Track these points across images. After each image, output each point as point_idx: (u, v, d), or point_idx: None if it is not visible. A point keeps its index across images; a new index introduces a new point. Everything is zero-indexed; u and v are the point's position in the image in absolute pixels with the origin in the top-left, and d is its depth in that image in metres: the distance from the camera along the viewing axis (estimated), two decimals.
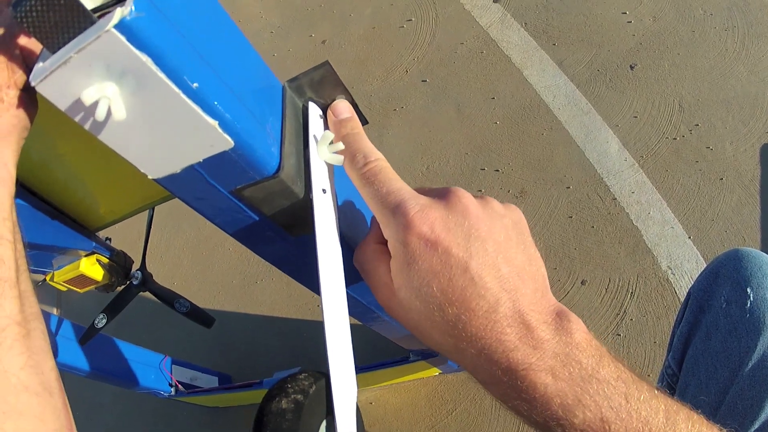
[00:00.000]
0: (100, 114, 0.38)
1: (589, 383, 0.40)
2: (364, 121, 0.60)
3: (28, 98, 0.48)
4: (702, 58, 1.77)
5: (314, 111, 0.55)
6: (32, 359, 0.47)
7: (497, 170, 1.77)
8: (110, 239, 1.03)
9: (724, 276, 0.79)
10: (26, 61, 0.47)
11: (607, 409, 0.39)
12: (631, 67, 1.83)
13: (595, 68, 1.87)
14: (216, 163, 0.46)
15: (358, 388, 0.49)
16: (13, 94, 0.47)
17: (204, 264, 2.11)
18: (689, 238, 1.48)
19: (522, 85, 1.92)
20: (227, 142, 0.43)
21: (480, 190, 1.76)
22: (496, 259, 0.43)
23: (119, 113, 0.39)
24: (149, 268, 1.14)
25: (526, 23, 2.07)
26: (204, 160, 0.45)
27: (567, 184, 1.67)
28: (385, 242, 0.48)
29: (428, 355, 1.24)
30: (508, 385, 0.41)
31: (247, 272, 2.01)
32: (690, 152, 1.61)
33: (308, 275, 0.72)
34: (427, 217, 0.44)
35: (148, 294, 1.16)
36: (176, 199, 0.55)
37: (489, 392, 0.44)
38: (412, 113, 2.06)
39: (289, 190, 0.50)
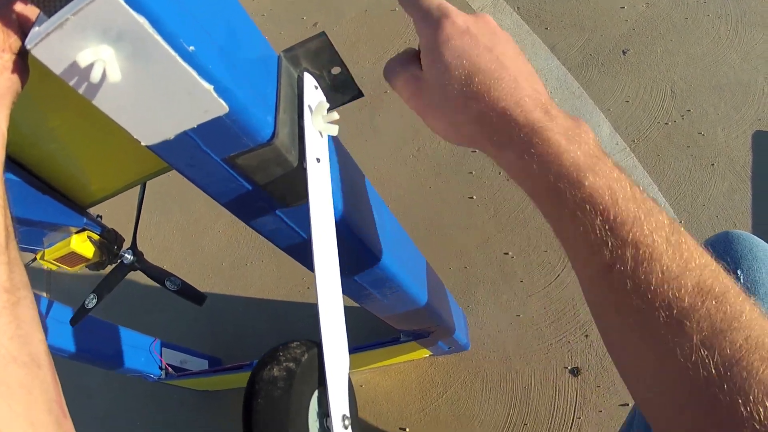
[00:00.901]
0: (95, 76, 0.38)
1: (598, 159, 0.44)
2: (359, 94, 0.60)
3: (22, 63, 0.48)
4: (695, 45, 1.77)
5: (309, 81, 0.55)
6: (21, 329, 0.47)
7: None
8: (101, 216, 1.02)
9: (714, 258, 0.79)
10: (21, 26, 0.47)
11: (614, 181, 0.42)
12: (624, 52, 1.82)
13: (588, 53, 1.87)
14: (210, 129, 0.46)
15: (348, 369, 0.49)
16: (7, 58, 0.47)
17: (194, 246, 2.11)
18: (680, 222, 1.49)
19: None
20: (222, 107, 0.43)
21: (471, 172, 1.76)
22: (516, 57, 0.51)
23: (114, 75, 0.39)
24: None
25: (518, 7, 2.06)
26: (198, 126, 0.45)
27: None
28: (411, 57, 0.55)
29: (419, 336, 1.24)
30: (523, 141, 0.45)
31: (237, 254, 2.00)
32: (682, 137, 1.61)
33: (300, 248, 0.71)
34: (462, 13, 0.51)
35: (137, 276, 1.15)
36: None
37: (502, 159, 0.48)
38: None
39: (283, 158, 0.50)
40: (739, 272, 0.74)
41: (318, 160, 0.51)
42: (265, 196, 0.56)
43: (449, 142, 0.54)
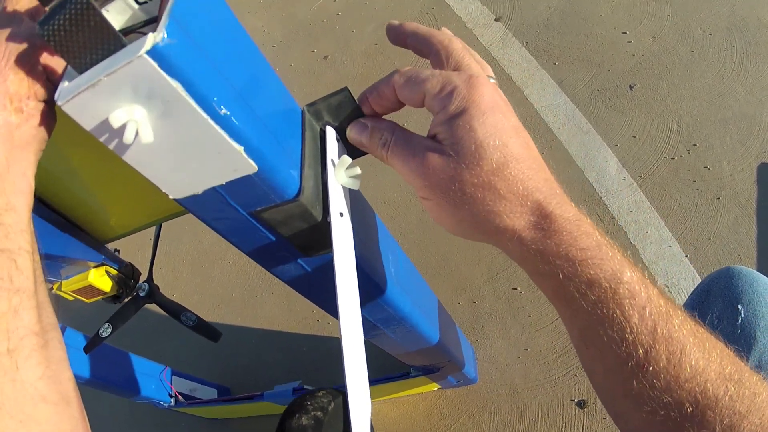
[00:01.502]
0: (128, 137, 0.38)
1: (623, 256, 0.46)
2: None
3: (48, 110, 0.49)
4: (700, 78, 1.79)
5: (331, 135, 0.56)
6: (50, 369, 0.48)
7: None
8: (119, 251, 1.03)
9: (716, 293, 0.81)
10: (47, 74, 0.48)
11: (641, 276, 0.45)
12: (631, 87, 1.85)
13: (595, 88, 1.89)
14: (238, 185, 0.47)
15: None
16: (33, 106, 0.47)
17: (204, 276, 2.12)
18: (686, 256, 1.50)
19: (522, 104, 1.93)
20: (251, 167, 0.44)
21: None
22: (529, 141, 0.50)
23: (147, 136, 0.40)
24: None
25: (527, 42, 2.09)
26: (226, 183, 0.46)
27: None
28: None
29: (428, 371, 1.26)
30: (560, 243, 0.45)
31: (247, 286, 2.01)
32: (687, 172, 1.63)
33: (320, 294, 0.73)
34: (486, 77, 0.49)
35: (149, 305, 1.16)
36: None
37: (529, 257, 0.47)
38: (414, 129, 2.04)
39: (308, 213, 0.51)
40: (740, 306, 0.76)
41: (341, 214, 0.53)
42: (288, 246, 0.58)
43: (455, 235, 0.51)
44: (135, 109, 0.39)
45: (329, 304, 0.76)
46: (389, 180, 1.95)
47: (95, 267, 0.99)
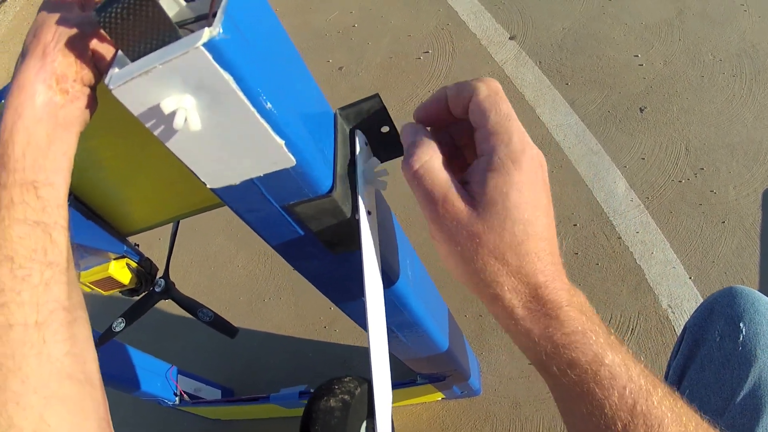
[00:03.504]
0: (178, 123, 0.40)
1: (608, 334, 0.48)
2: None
3: (92, 95, 0.51)
4: (710, 103, 1.81)
5: (361, 138, 0.59)
6: (76, 347, 0.49)
7: None
8: (138, 245, 1.05)
9: (718, 312, 0.83)
10: (95, 61, 0.49)
11: (625, 356, 0.46)
12: (641, 110, 1.87)
13: (606, 109, 1.92)
14: (275, 178, 0.49)
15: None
16: (78, 89, 0.49)
17: (211, 279, 2.13)
18: (690, 278, 1.52)
19: (534, 123, 1.96)
20: (290, 160, 0.47)
21: None
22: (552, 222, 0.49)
23: (195, 124, 0.42)
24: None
25: (540, 62, 2.12)
26: (264, 175, 0.49)
27: (574, 222, 1.71)
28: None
29: (435, 379, 1.27)
30: (554, 324, 0.46)
31: (255, 290, 2.03)
32: (694, 195, 1.65)
33: (339, 291, 0.75)
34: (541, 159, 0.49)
35: (158, 304, 1.18)
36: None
37: (519, 324, 0.48)
38: None
39: (339, 210, 0.54)
40: (741, 325, 0.79)
41: (369, 212, 0.55)
42: (316, 242, 0.60)
43: (459, 280, 0.51)
44: (184, 98, 0.41)
45: (347, 301, 0.78)
46: (399, 191, 1.96)
47: (116, 259, 1.00)
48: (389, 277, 0.72)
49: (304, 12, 2.84)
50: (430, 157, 0.49)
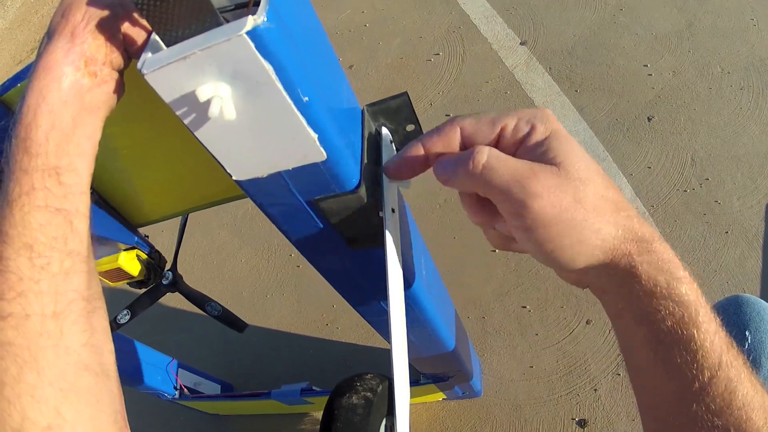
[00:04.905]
0: (213, 112, 0.39)
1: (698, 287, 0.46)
2: None
3: (120, 80, 0.50)
4: (717, 115, 1.82)
5: (386, 135, 0.59)
6: (94, 338, 0.48)
7: None
8: (148, 236, 1.05)
9: (724, 320, 0.83)
10: (126, 45, 0.48)
11: (708, 308, 0.45)
12: (649, 119, 1.88)
13: (614, 117, 1.92)
14: (303, 172, 0.49)
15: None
16: (107, 72, 0.48)
17: (214, 273, 2.14)
18: None
19: None
20: (321, 155, 0.47)
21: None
22: None
23: (229, 113, 0.41)
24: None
25: (550, 68, 2.12)
26: (293, 169, 0.48)
27: None
28: None
29: (438, 379, 1.27)
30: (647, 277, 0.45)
31: (258, 285, 2.03)
32: (699, 205, 1.66)
33: (353, 289, 0.75)
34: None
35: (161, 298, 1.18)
36: None
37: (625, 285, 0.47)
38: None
39: (364, 206, 0.54)
40: (747, 333, 0.79)
41: (393, 210, 0.55)
42: (336, 238, 0.60)
43: (554, 261, 0.47)
44: (221, 87, 0.40)
45: (360, 299, 0.78)
46: (407, 191, 1.96)
47: (126, 250, 1.00)
48: (405, 276, 0.72)
49: (316, 9, 2.82)
50: (489, 148, 0.46)
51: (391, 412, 0.59)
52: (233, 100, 0.41)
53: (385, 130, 0.60)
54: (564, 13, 2.28)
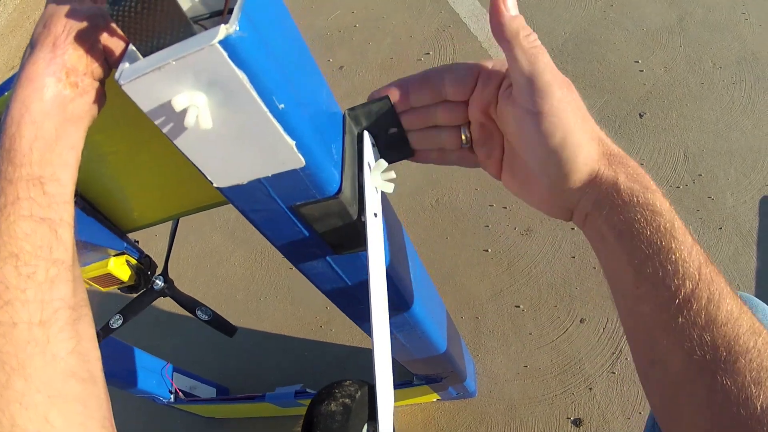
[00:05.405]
0: (189, 121, 0.40)
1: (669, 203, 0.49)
2: (410, 153, 0.62)
3: (101, 89, 0.50)
4: (709, 110, 1.82)
5: (368, 139, 0.59)
6: (80, 345, 0.48)
7: (505, 207, 1.82)
8: (138, 242, 1.05)
9: None
10: (106, 56, 0.49)
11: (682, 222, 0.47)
12: (641, 115, 1.87)
13: (606, 114, 1.92)
14: (283, 179, 0.49)
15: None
16: (88, 83, 0.48)
17: (208, 276, 2.13)
18: None
19: None
20: (300, 161, 0.47)
21: (487, 226, 1.80)
22: None
23: (206, 122, 0.41)
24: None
25: None
26: (272, 175, 0.48)
27: (571, 225, 1.71)
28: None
29: (431, 380, 1.27)
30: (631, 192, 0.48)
31: (251, 288, 2.03)
32: (692, 201, 1.65)
33: (341, 293, 0.75)
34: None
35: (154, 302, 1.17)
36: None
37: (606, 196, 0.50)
38: None
39: (345, 211, 0.54)
40: None
41: (375, 215, 0.55)
42: (320, 243, 0.60)
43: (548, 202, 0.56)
44: (196, 95, 0.40)
45: (348, 303, 0.78)
46: (400, 192, 1.97)
47: (115, 255, 1.00)
48: (393, 279, 0.72)
49: (306, 10, 2.84)
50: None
51: (373, 417, 0.59)
52: (209, 108, 0.41)
53: (367, 134, 0.59)
54: (554, 10, 2.28)
